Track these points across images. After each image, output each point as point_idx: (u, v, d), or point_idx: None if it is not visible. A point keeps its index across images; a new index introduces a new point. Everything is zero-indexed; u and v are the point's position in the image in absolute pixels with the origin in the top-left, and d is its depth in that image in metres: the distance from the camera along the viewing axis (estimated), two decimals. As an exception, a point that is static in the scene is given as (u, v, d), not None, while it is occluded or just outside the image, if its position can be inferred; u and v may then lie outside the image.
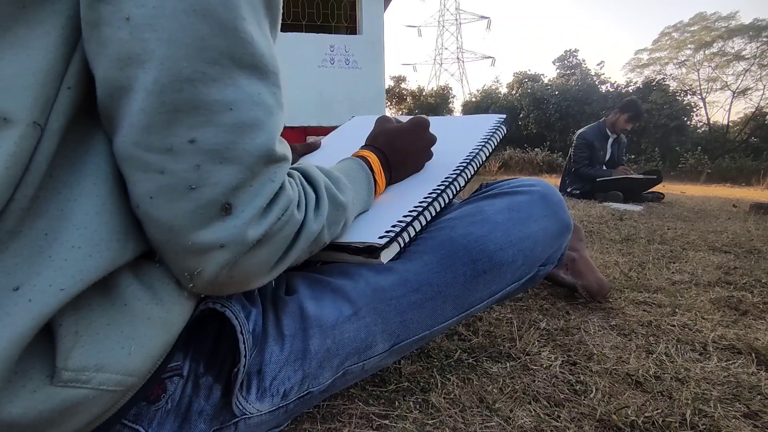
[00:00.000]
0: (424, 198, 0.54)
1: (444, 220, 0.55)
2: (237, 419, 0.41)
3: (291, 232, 0.36)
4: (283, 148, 0.34)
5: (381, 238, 0.48)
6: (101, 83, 0.28)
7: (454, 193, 0.56)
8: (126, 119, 0.28)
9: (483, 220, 0.54)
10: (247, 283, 0.36)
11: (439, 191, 0.55)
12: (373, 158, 0.54)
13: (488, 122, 0.68)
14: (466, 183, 0.58)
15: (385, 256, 0.48)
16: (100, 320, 0.30)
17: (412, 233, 0.51)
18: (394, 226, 0.49)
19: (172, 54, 0.27)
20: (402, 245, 0.50)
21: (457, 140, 0.63)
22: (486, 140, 0.63)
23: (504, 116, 0.70)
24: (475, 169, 0.60)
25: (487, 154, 0.62)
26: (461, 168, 0.58)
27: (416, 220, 0.51)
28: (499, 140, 0.65)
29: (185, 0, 0.27)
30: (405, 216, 0.51)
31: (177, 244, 0.30)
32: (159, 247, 0.32)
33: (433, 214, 0.54)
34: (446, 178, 0.57)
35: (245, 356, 0.39)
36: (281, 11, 0.34)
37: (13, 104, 0.25)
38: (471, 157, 0.60)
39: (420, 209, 0.52)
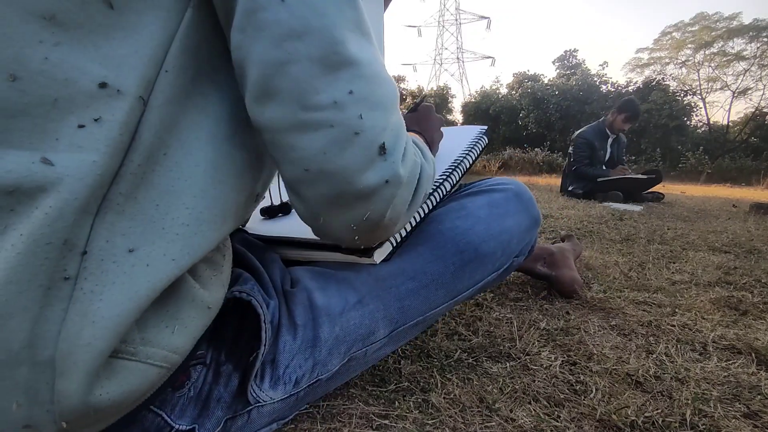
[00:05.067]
0: None
1: (431, 215, 0.58)
2: (250, 407, 0.43)
3: (416, 172, 0.39)
4: None
5: None
6: (258, 65, 0.31)
7: (441, 197, 0.59)
8: (287, 91, 0.32)
9: (467, 215, 0.58)
10: (393, 225, 0.39)
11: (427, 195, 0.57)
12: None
13: (471, 132, 0.72)
14: (452, 188, 0.61)
15: (378, 256, 0.50)
16: None
17: (404, 233, 0.53)
18: None
19: (326, 25, 0.31)
20: (394, 244, 0.52)
21: (443, 148, 0.66)
22: (470, 148, 0.67)
23: (485, 127, 0.75)
24: (461, 174, 0.63)
25: (471, 162, 0.66)
26: (447, 173, 0.61)
27: None
28: (482, 149, 0.70)
29: None
30: None
31: (348, 193, 0.34)
32: (326, 209, 0.36)
33: (422, 215, 0.56)
34: (434, 182, 0.59)
35: (265, 345, 0.41)
36: None
37: (125, 80, 0.29)
38: (456, 164, 0.63)
39: None
